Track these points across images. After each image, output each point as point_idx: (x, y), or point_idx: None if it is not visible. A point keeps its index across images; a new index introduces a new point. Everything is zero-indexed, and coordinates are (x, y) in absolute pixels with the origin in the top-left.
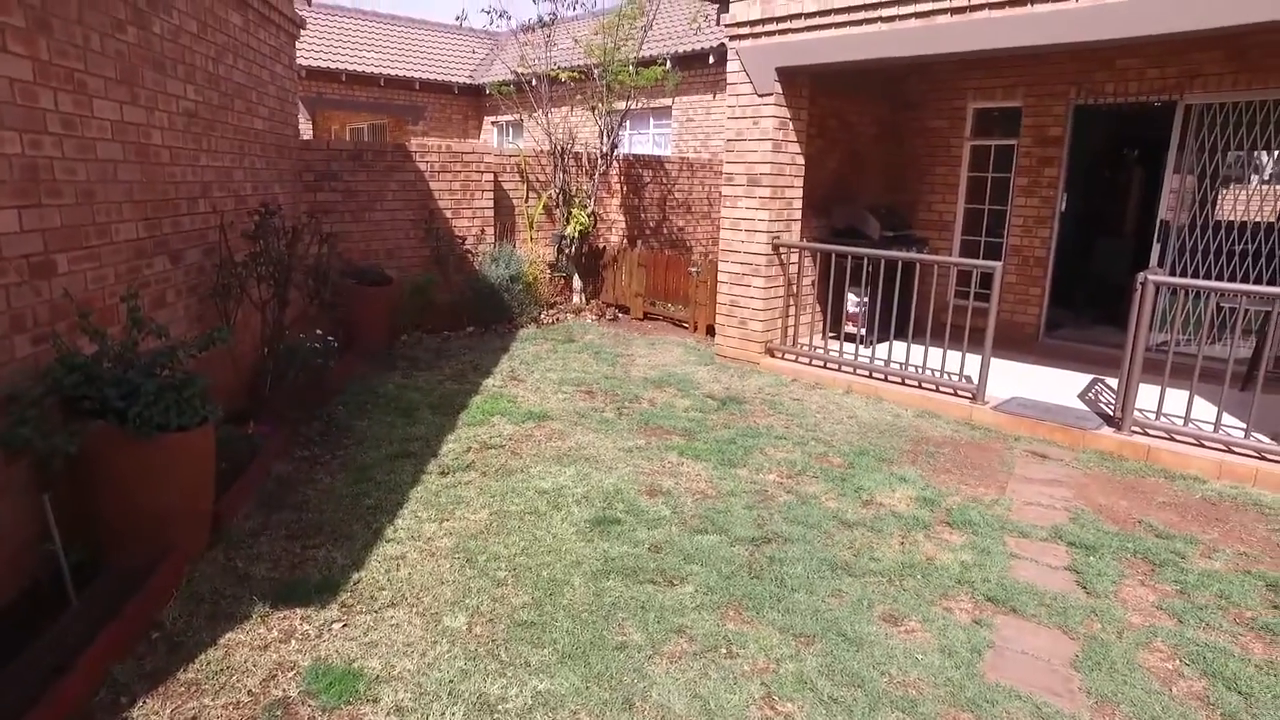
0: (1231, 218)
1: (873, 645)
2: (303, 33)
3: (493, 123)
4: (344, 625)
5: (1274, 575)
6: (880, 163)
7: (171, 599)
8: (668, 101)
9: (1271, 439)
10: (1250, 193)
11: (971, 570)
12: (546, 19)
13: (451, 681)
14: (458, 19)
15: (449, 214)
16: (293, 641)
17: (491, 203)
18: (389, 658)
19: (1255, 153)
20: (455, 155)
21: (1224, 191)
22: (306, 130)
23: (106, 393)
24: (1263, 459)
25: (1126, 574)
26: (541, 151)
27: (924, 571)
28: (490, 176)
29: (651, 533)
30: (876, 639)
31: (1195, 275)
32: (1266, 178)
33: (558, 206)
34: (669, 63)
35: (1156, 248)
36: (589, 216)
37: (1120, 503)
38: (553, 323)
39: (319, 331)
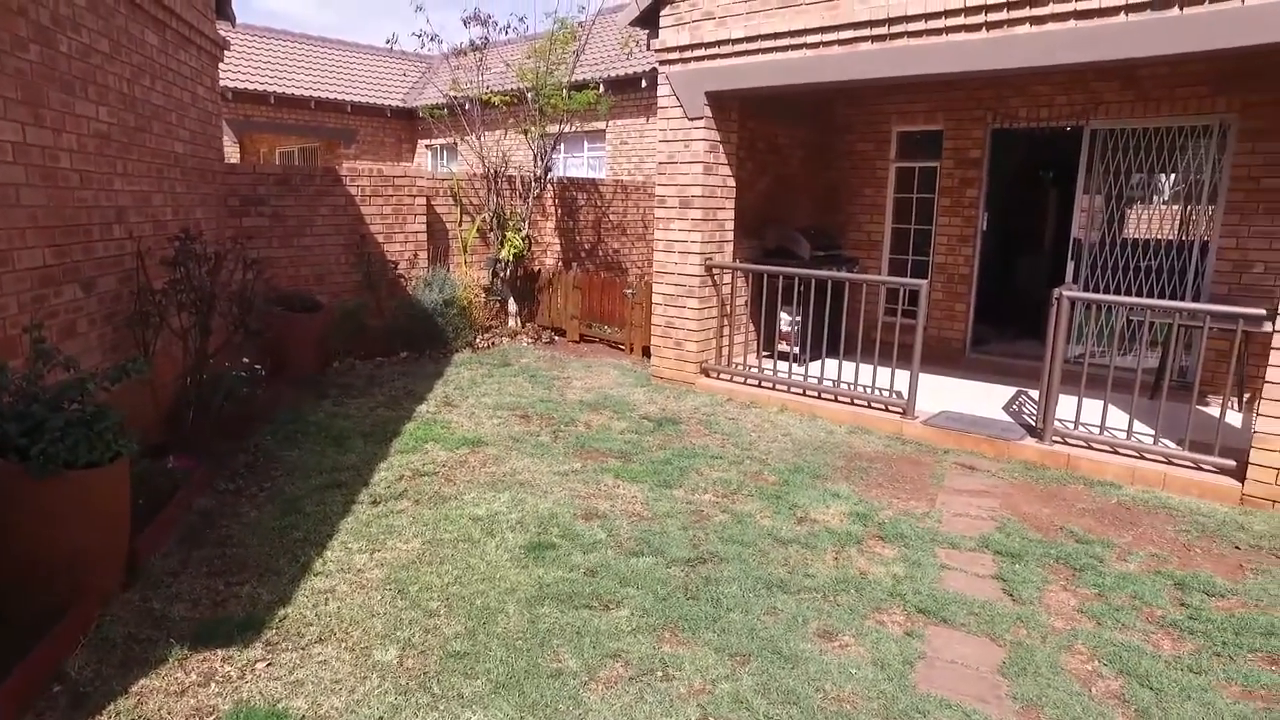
0: (1138, 236)
1: (808, 662)
2: (229, 54)
3: (427, 146)
4: (268, 664)
5: (1181, 574)
6: (811, 185)
7: (78, 646)
8: (601, 125)
9: (1177, 445)
10: (1153, 212)
11: (903, 583)
12: (478, 42)
13: (381, 717)
14: (388, 42)
15: (381, 238)
16: (212, 684)
17: (424, 227)
18: (316, 696)
19: (1155, 175)
20: (387, 179)
21: (1130, 211)
22: (233, 154)
23: (6, 429)
24: (1170, 464)
25: (1050, 580)
26: (475, 175)
27: (857, 586)
28: (423, 200)
29: (587, 557)
30: (811, 655)
31: (1108, 290)
32: (1166, 198)
33: (492, 230)
34: (602, 86)
35: (1071, 264)
36: (523, 240)
37: (1043, 510)
38: (488, 347)
39: (246, 360)
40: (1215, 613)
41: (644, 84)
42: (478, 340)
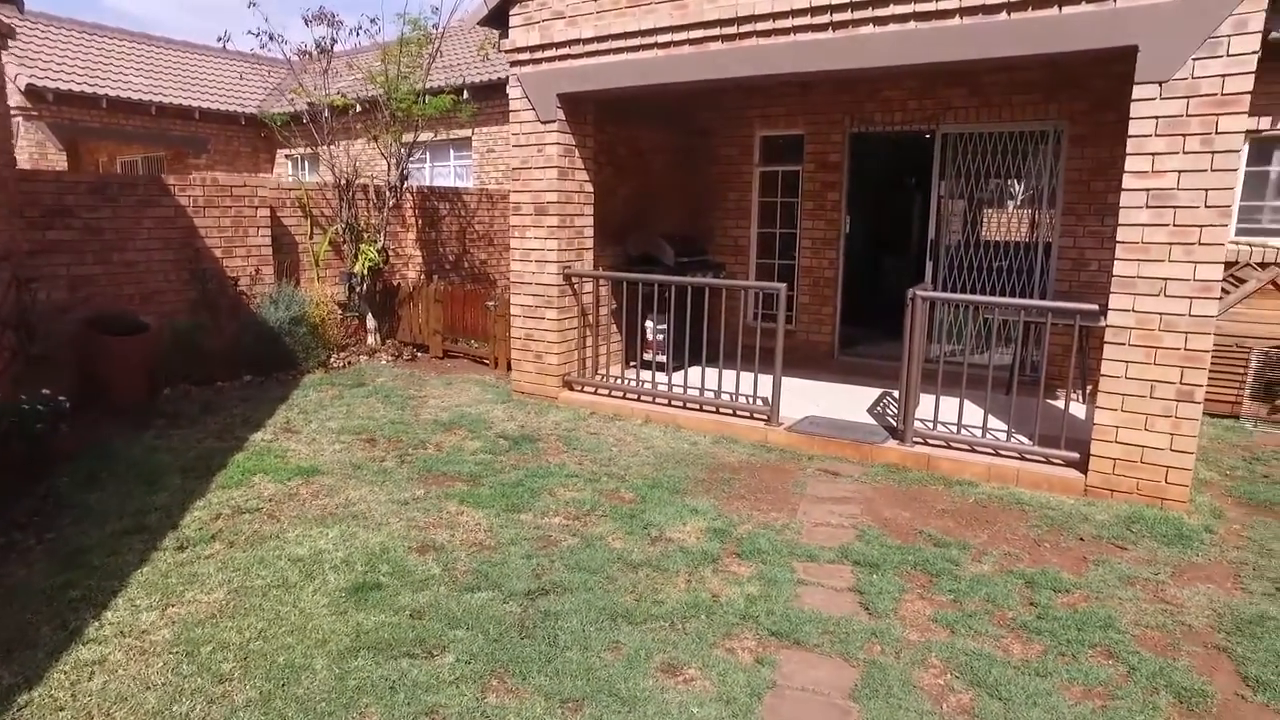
0: (990, 237)
1: (647, 702)
2: (50, 53)
3: (286, 156)
4: None
5: (1031, 571)
6: (676, 190)
7: None
8: (467, 132)
9: (1029, 439)
10: (1003, 215)
11: (757, 603)
12: (324, 43)
13: None
14: (220, 40)
15: (220, 253)
16: None
17: (269, 240)
18: None
19: (1003, 178)
20: (223, 189)
21: (982, 213)
22: (60, 162)
23: None
24: (1023, 459)
25: (907, 588)
26: (326, 185)
27: (708, 611)
28: (266, 212)
29: (416, 596)
30: (652, 694)
31: (966, 290)
32: (1015, 201)
33: (346, 243)
34: (466, 92)
35: (930, 265)
36: (379, 252)
37: (903, 514)
38: (343, 366)
39: (46, 391)
40: (1061, 610)
41: (509, 89)
42: (332, 360)
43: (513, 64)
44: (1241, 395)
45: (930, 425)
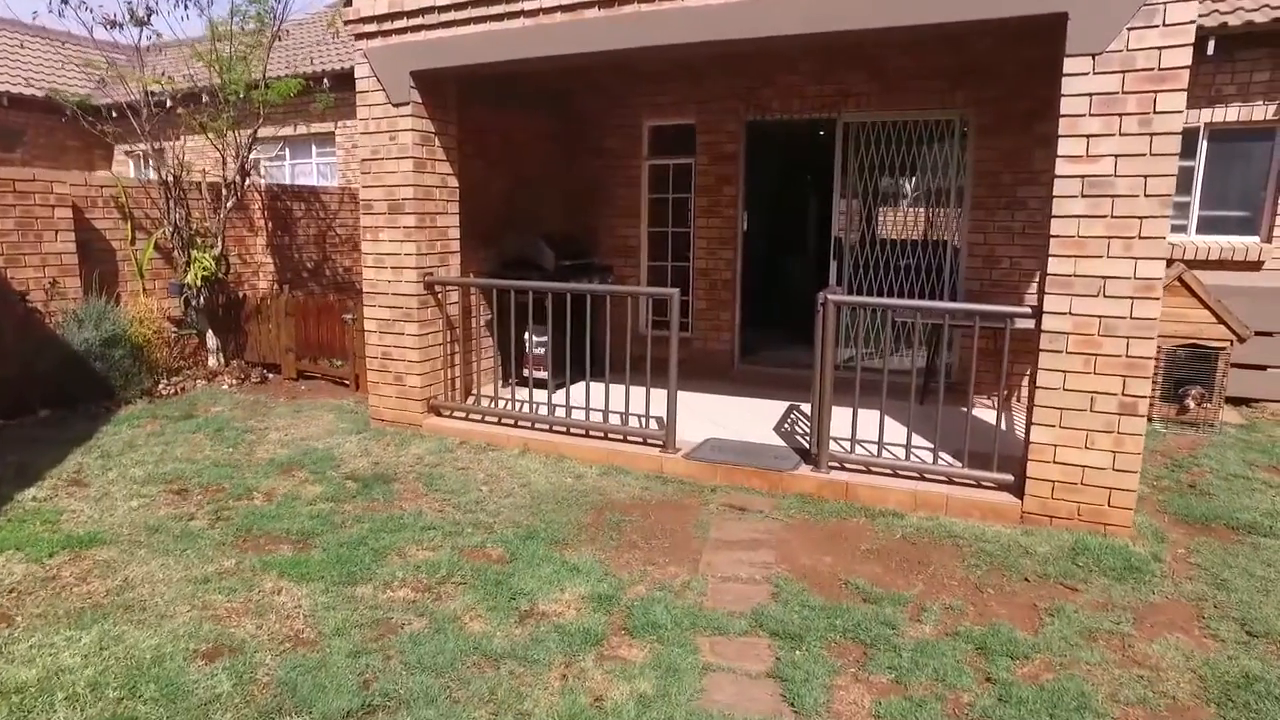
0: (895, 234)
1: None
2: None
3: (127, 153)
4: None
5: (980, 632)
6: (556, 186)
7: None
8: (330, 127)
9: (953, 458)
10: (909, 209)
11: (653, 707)
12: (140, 13)
13: None
14: (35, 15)
15: (1, 261)
16: None
17: (73, 245)
18: None
19: (907, 170)
20: (4, 182)
21: (886, 208)
22: None
23: None
24: (951, 483)
25: (838, 668)
26: (150, 182)
27: None
28: (67, 212)
29: None
30: None
31: (871, 291)
32: (919, 194)
33: (176, 249)
34: (326, 81)
35: (834, 264)
36: (216, 260)
37: (825, 559)
38: (175, 394)
39: None
40: (1024, 685)
41: (355, 67)
42: (160, 387)
43: (358, 37)
44: (1152, 397)
45: (847, 447)
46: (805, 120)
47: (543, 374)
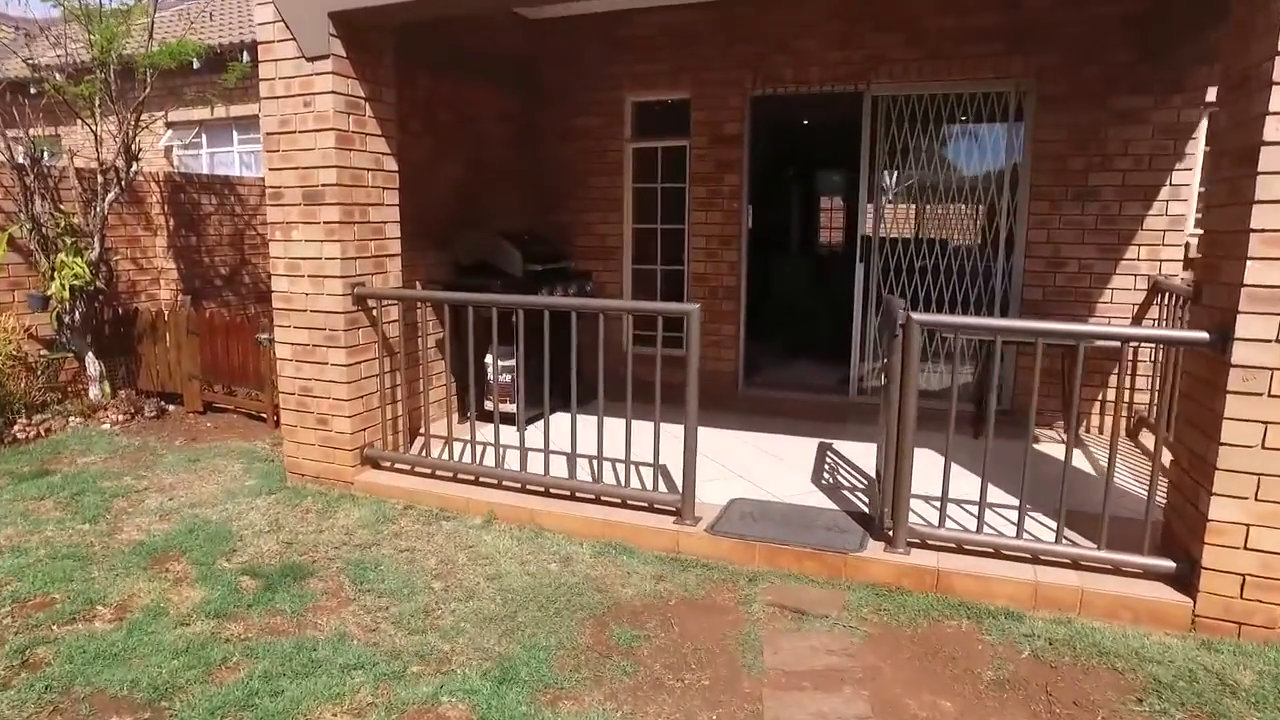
0: (936, 232)
1: None
2: None
3: None
4: None
5: None
6: (522, 173)
7: None
8: (254, 109)
9: (1081, 536)
10: (952, 201)
11: None
12: None
13: None
14: None
15: None
16: None
17: None
18: None
19: (953, 154)
20: None
21: (927, 200)
22: None
23: None
24: (1078, 568)
25: None
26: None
27: None
28: None
29: None
30: None
31: (905, 299)
32: (967, 183)
33: (37, 251)
34: (246, 54)
35: (861, 267)
36: (92, 266)
37: (938, 701)
38: (35, 436)
39: None
40: None
41: (255, 7)
42: (16, 429)
43: None
44: None
45: (927, 520)
46: (822, 94)
47: (510, 406)
